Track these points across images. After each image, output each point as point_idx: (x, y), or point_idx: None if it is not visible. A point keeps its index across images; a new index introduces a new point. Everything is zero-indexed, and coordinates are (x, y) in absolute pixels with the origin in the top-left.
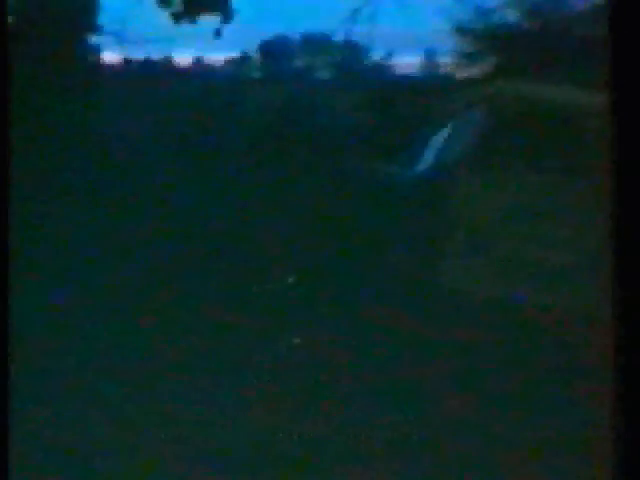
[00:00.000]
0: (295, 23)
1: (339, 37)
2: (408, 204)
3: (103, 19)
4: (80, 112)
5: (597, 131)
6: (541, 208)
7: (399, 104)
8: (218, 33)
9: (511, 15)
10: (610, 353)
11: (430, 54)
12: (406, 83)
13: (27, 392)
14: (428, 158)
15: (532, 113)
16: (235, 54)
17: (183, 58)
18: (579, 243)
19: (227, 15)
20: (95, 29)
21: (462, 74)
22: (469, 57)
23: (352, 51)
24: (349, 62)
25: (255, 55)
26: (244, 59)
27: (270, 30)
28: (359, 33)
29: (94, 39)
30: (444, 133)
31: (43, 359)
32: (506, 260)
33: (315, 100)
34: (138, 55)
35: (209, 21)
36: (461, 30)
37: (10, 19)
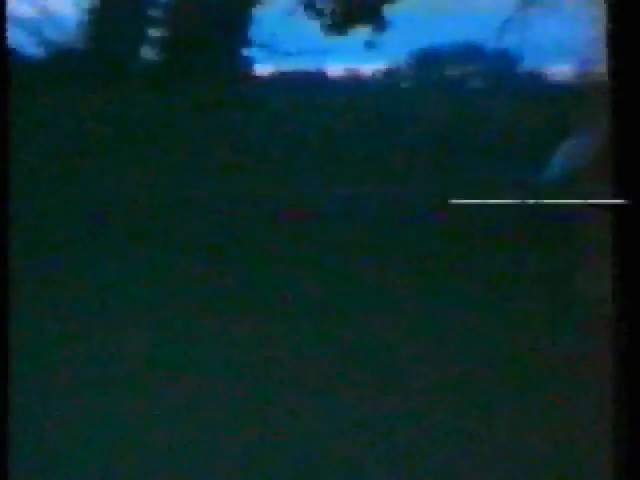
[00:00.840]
0: (446, 33)
1: (490, 46)
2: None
3: (254, 33)
4: (227, 125)
5: None
6: None
7: (545, 112)
8: (370, 44)
9: None
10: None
11: (582, 63)
12: (554, 91)
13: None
14: (555, 167)
15: None
16: (387, 65)
17: (335, 70)
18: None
19: (378, 26)
20: (247, 42)
21: (610, 83)
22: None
23: (502, 61)
24: (499, 71)
25: (406, 65)
26: (396, 70)
27: (421, 40)
28: (510, 42)
29: (246, 52)
30: (579, 141)
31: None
32: None
33: (463, 109)
34: (290, 68)
35: (361, 33)
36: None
37: (160, 32)
